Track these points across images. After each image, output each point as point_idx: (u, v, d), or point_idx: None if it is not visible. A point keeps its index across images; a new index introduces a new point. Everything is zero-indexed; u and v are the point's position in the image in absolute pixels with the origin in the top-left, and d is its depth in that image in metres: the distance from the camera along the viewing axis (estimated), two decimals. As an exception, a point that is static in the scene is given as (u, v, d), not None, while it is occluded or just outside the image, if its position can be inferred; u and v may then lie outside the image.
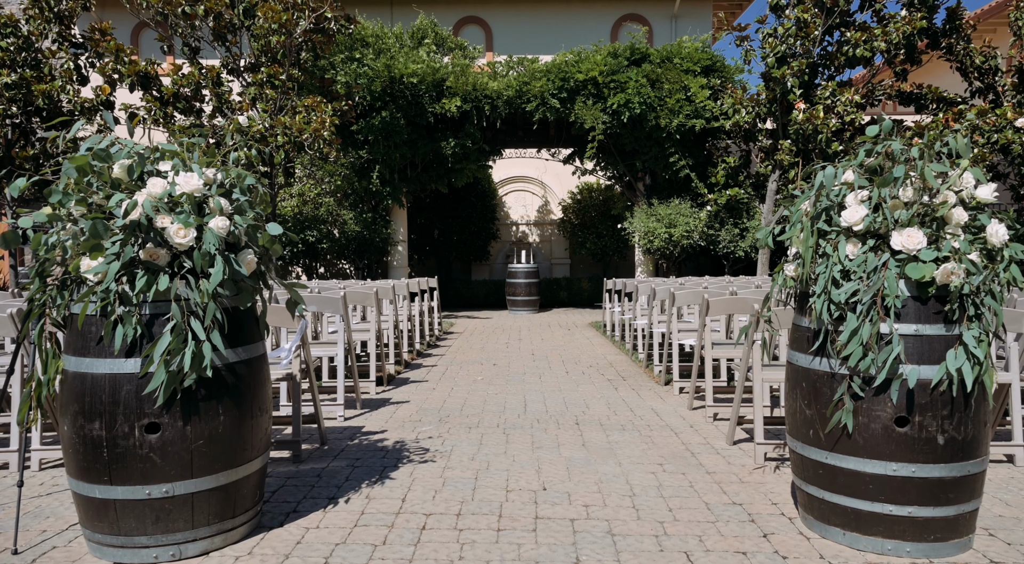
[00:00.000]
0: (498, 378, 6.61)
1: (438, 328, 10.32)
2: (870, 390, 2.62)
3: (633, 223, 13.23)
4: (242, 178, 2.89)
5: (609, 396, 5.70)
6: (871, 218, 2.66)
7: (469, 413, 5.07)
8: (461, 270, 17.33)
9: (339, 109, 10.93)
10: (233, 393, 2.70)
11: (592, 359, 7.83)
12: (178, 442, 2.56)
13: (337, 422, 4.76)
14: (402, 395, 5.77)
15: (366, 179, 13.27)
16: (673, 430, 4.54)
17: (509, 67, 13.24)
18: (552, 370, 7.08)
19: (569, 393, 5.84)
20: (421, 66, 12.55)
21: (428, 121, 12.86)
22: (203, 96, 10.83)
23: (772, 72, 11.49)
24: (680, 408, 5.21)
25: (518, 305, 14.41)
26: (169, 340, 2.56)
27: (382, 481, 3.50)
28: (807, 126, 11.00)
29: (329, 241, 13.21)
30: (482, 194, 16.40)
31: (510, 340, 9.67)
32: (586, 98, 12.75)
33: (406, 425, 4.70)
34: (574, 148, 14.52)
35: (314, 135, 10.03)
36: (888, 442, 2.60)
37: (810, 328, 2.85)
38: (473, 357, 8.04)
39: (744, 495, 3.30)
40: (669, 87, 12.62)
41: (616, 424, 4.72)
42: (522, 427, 4.64)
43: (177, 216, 2.60)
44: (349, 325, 4.88)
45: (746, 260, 13.45)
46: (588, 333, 10.47)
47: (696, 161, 13.09)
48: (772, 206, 12.28)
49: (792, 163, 11.86)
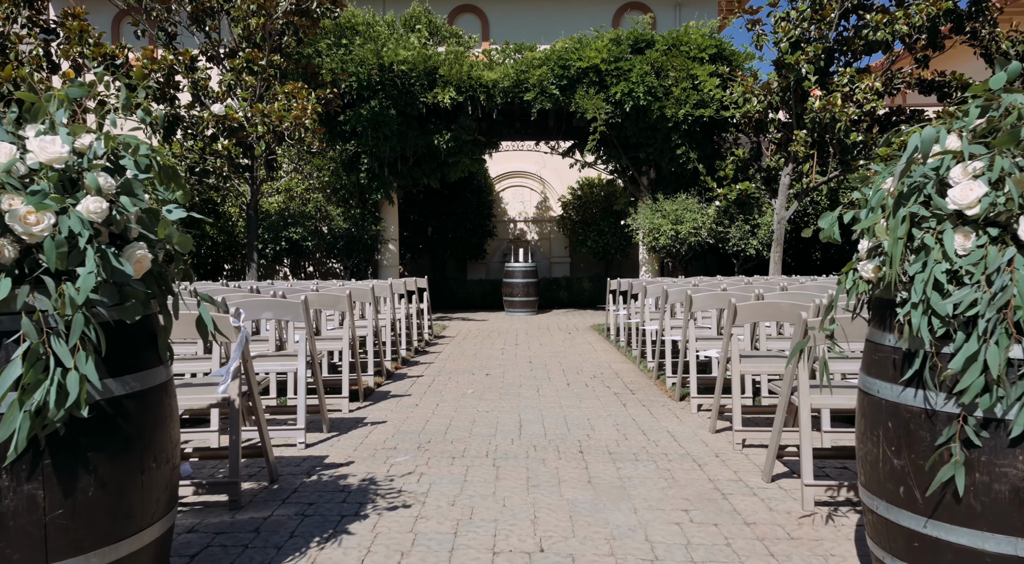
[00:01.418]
0: (490, 391, 5.88)
1: (428, 332, 9.59)
2: (994, 437, 1.90)
3: (637, 219, 12.50)
4: (133, 147, 2.15)
5: (617, 414, 4.97)
6: (992, 198, 1.93)
7: (454, 437, 4.34)
8: (456, 269, 16.59)
9: (323, 97, 10.18)
10: (114, 439, 1.97)
11: (595, 368, 7.10)
12: (24, 514, 1.82)
13: (296, 450, 4.02)
14: (379, 413, 5.04)
15: (354, 173, 12.53)
16: (696, 460, 3.81)
17: (506, 55, 12.51)
18: (551, 381, 6.35)
19: (571, 410, 5.11)
20: (412, 53, 11.81)
21: (420, 112, 12.12)
22: (177, 82, 10.08)
23: (785, 58, 10.76)
24: (700, 431, 4.48)
25: (515, 306, 13.67)
26: (20, 370, 1.83)
27: (336, 538, 2.77)
28: (824, 115, 10.27)
29: (315, 239, 12.46)
30: (478, 189, 15.66)
31: (506, 345, 8.94)
32: (587, 87, 12.02)
33: (378, 454, 3.96)
34: (574, 141, 13.79)
35: (294, 123, 9.29)
36: (1020, 511, 1.87)
37: (899, 348, 2.12)
38: (464, 365, 7.31)
39: (798, 560, 2.57)
40: (675, 75, 11.88)
41: (627, 452, 3.99)
42: (516, 457, 3.90)
43: (29, 196, 1.87)
44: (312, 334, 4.15)
45: (757, 258, 12.72)
46: (590, 337, 9.74)
47: (703, 153, 12.35)
48: (785, 201, 11.55)
49: (807, 155, 11.12)
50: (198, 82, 10.49)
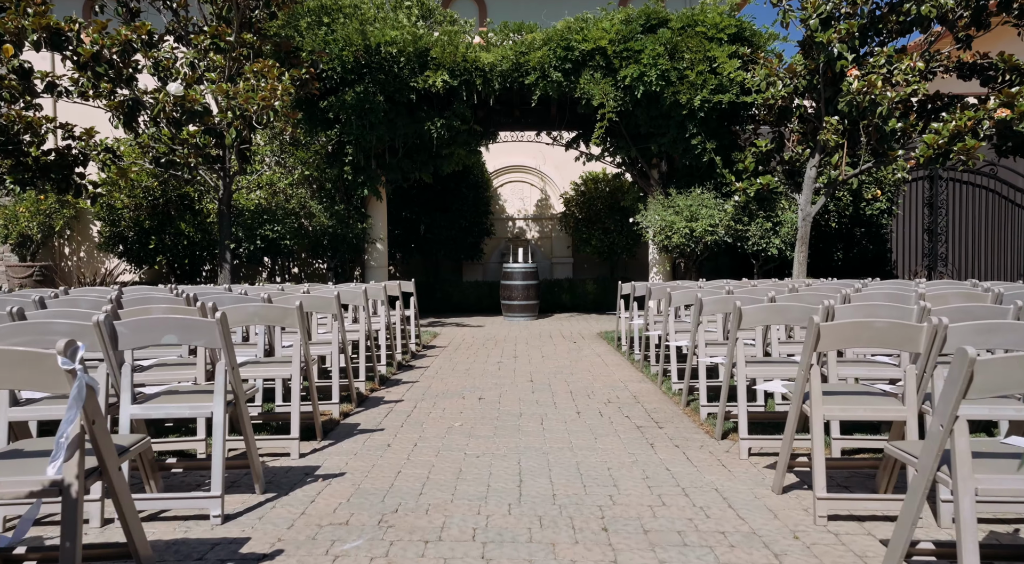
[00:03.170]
0: (483, 424, 4.77)
1: (415, 343, 8.47)
2: None
3: (647, 216, 11.38)
4: None
5: (645, 461, 3.86)
6: None
7: (431, 502, 3.22)
8: (451, 270, 15.45)
9: (298, 77, 9.06)
10: None
11: (609, 388, 5.99)
12: None
13: (205, 528, 2.90)
14: (337, 460, 3.92)
15: (338, 166, 11.41)
16: (769, 546, 2.70)
17: (504, 36, 11.38)
18: (558, 408, 5.24)
19: (585, 454, 4.00)
20: (401, 33, 10.69)
21: (409, 98, 11.00)
22: (135, 62, 8.96)
23: (816, 35, 9.63)
24: (760, 489, 3.36)
25: (514, 310, 12.55)
26: None
27: None
28: (862, 98, 9.15)
29: (294, 237, 11.33)
30: (474, 185, 14.52)
31: (503, 357, 7.82)
32: (593, 70, 10.90)
33: (320, 536, 2.84)
34: (578, 131, 12.66)
35: (262, 105, 8.16)
36: None
37: None
38: (454, 385, 6.19)
39: None
40: (691, 57, 10.76)
41: (669, 529, 2.88)
42: (514, 539, 2.79)
43: None
44: (233, 363, 3.03)
45: (779, 259, 11.61)
46: (598, 347, 8.63)
47: (720, 144, 11.23)
48: (810, 195, 10.43)
49: (838, 144, 10.00)
50: (160, 62, 9.38)
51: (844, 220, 13.13)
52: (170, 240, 13.22)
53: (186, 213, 13.36)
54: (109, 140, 10.08)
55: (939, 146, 8.97)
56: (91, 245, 15.19)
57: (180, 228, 13.19)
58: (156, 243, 13.03)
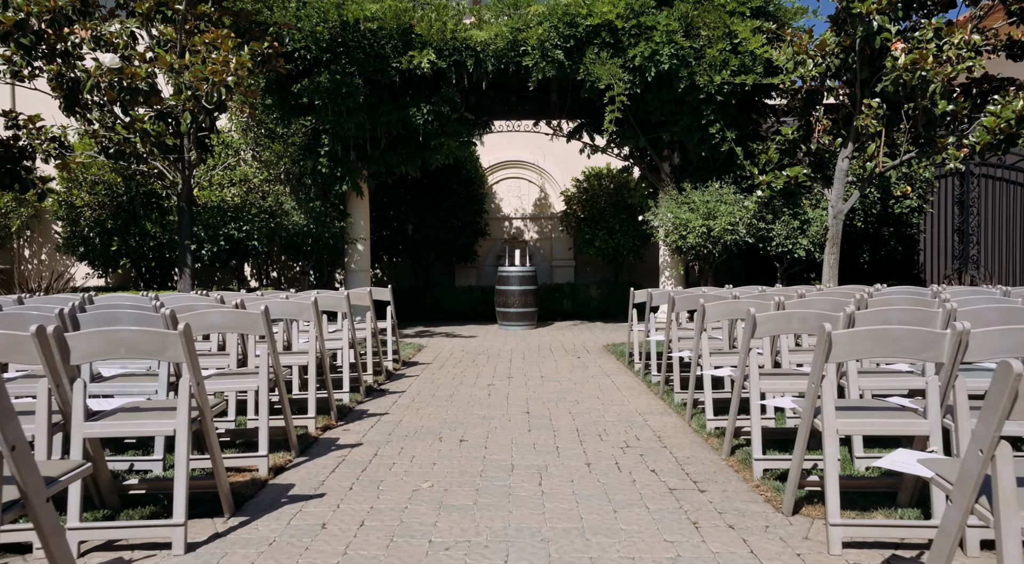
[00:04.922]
0: (461, 484, 3.55)
1: (392, 360, 7.25)
2: None
3: (659, 214, 10.17)
4: None
5: (691, 554, 2.65)
6: None
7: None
8: (442, 274, 14.22)
9: (260, 51, 7.86)
10: None
11: (625, 423, 4.77)
12: None
13: None
14: (244, 557, 2.70)
15: (313, 157, 10.20)
16: None
17: (499, 12, 10.17)
18: (562, 456, 4.03)
19: (602, 541, 2.79)
20: (381, 7, 9.49)
21: (392, 80, 9.80)
22: (70, 34, 7.75)
23: (853, 6, 8.43)
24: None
25: (510, 319, 11.34)
26: None
27: None
28: (910, 76, 7.95)
29: (264, 237, 10.11)
30: (467, 181, 13.30)
31: (495, 378, 6.61)
32: (599, 49, 9.69)
33: None
34: (582, 119, 11.45)
35: (214, 80, 6.95)
36: None
37: None
38: (431, 419, 4.98)
39: None
40: (708, 34, 9.56)
41: None
42: None
43: None
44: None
45: (807, 261, 10.41)
46: (606, 364, 7.41)
47: (741, 133, 10.03)
48: (842, 190, 9.21)
49: (876, 131, 8.78)
50: (102, 37, 8.19)
51: (871, 219, 11.91)
52: (135, 242, 12.02)
53: (153, 212, 12.15)
54: (55, 129, 8.89)
55: (1001, 130, 7.78)
56: (52, 247, 13.97)
57: (146, 228, 11.99)
58: (119, 245, 11.82)
